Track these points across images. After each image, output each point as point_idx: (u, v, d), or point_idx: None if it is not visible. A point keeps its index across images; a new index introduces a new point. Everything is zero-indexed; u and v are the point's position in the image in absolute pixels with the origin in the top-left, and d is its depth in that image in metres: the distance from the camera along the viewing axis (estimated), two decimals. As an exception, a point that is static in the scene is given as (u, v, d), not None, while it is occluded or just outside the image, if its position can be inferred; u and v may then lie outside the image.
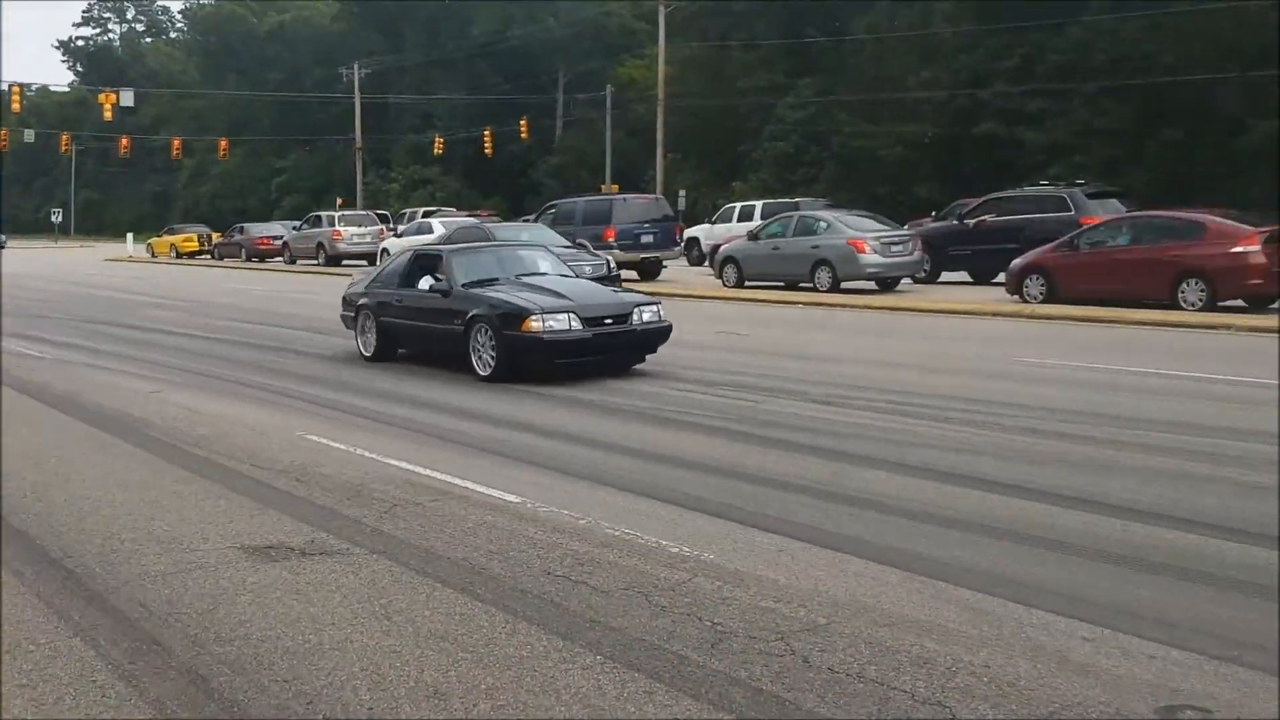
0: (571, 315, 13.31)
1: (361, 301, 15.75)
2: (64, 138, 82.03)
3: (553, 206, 34.82)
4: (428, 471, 8.87)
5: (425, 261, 15.41)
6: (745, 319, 21.80)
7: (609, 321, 13.67)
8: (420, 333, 14.96)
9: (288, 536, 7.24)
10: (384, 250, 39.73)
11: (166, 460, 9.46)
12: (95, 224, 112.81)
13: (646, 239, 31.90)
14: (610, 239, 30.95)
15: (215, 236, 59.86)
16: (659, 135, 55.98)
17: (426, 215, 47.35)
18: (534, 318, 13.07)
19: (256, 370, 14.67)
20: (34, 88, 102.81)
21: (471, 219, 41.37)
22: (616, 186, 59.35)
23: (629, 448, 9.81)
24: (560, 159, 76.15)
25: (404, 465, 9.10)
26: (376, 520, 7.55)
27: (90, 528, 7.54)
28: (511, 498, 8.05)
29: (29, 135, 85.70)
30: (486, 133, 70.87)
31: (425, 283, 14.76)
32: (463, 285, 14.26)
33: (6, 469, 9.22)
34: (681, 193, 57.89)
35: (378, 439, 10.20)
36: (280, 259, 49.17)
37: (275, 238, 51.22)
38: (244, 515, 7.73)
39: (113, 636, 5.73)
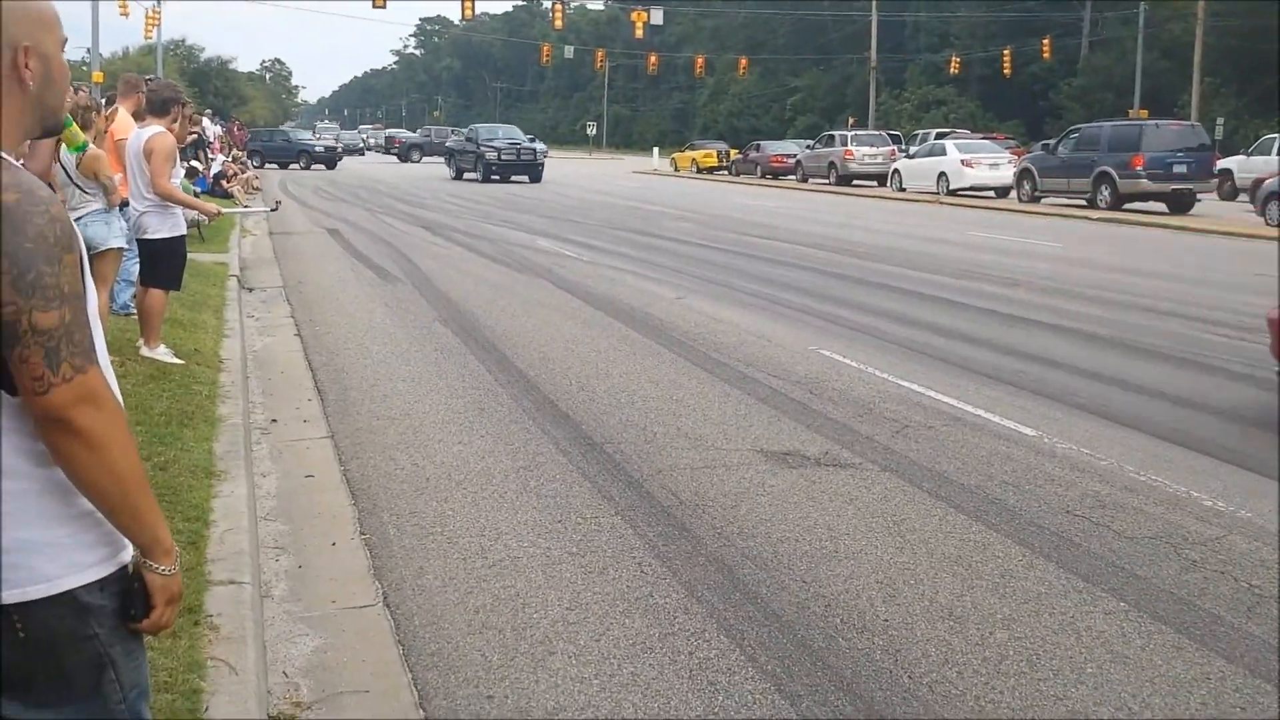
0: None
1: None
2: (599, 54, 76.14)
3: (1075, 131, 30.33)
4: (939, 395, 7.95)
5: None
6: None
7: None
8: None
9: (803, 445, 6.78)
10: (895, 171, 36.72)
11: (690, 362, 9.07)
12: (623, 138, 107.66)
13: (1179, 169, 26.59)
14: (1138, 167, 26.56)
15: (732, 153, 54.43)
16: (1196, 57, 45.94)
17: (939, 137, 41.69)
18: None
19: (769, 284, 13.64)
20: (573, 5, 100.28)
21: (986, 141, 37.89)
22: (1145, 112, 48.97)
23: (1156, 390, 8.35)
24: (1085, 81, 62.89)
25: (915, 387, 8.19)
26: (888, 439, 6.95)
27: (626, 418, 7.37)
28: (1028, 430, 7.17)
29: (569, 51, 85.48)
30: (1005, 52, 59.95)
31: None
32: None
33: (557, 358, 9.25)
34: (1219, 121, 47.60)
35: (888, 358, 9.23)
36: (793, 177, 44.27)
37: (788, 156, 46.00)
38: (761, 421, 7.33)
39: (648, 519, 5.54)
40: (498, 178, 38.75)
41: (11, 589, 1.86)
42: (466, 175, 40.72)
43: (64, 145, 7.28)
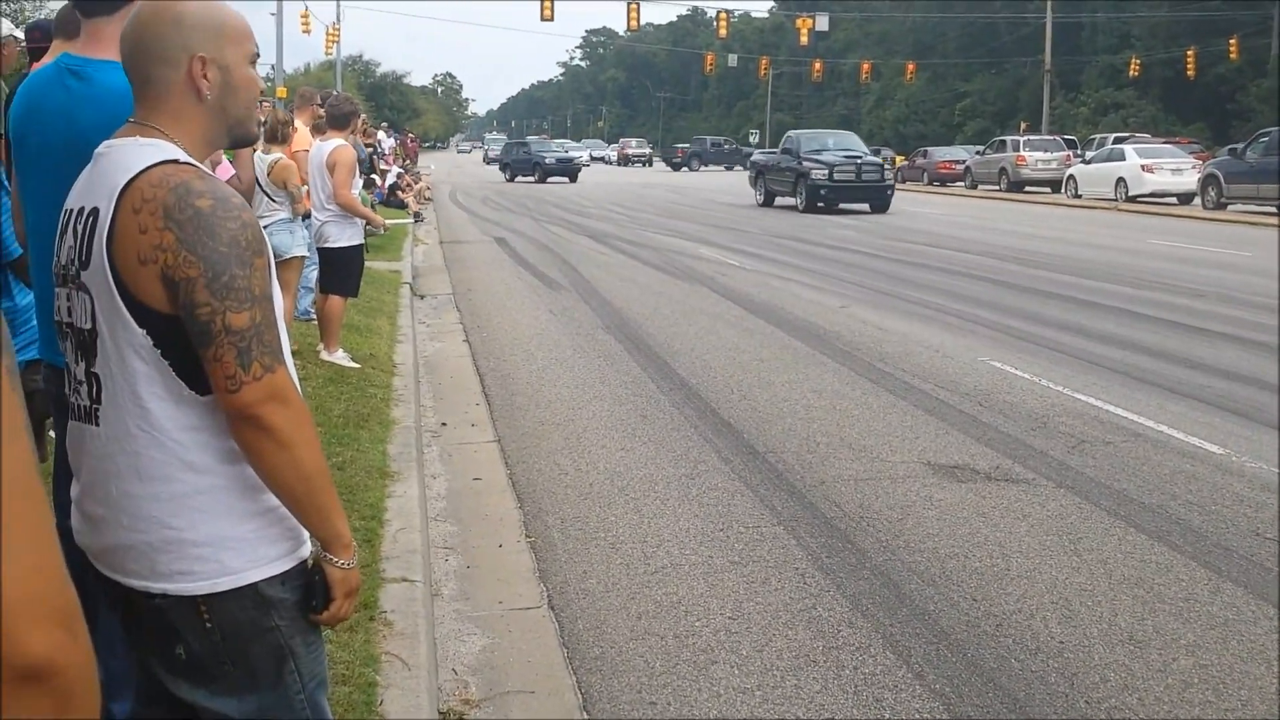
0: None
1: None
2: (763, 62, 75.41)
3: (1265, 134, 28.74)
4: (1118, 410, 7.62)
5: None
6: None
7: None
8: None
9: (972, 459, 6.61)
10: (1070, 177, 35.28)
11: (854, 372, 8.90)
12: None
13: None
14: None
15: (898, 160, 52.71)
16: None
17: (1118, 141, 39.06)
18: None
19: (936, 293, 13.31)
20: (737, 14, 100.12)
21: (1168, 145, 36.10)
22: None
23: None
24: (1275, 82, 57.89)
25: (1092, 401, 7.86)
26: (1064, 454, 6.71)
27: (789, 428, 7.32)
28: (1214, 448, 6.83)
29: (732, 59, 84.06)
30: (1188, 53, 56.99)
31: None
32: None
33: (718, 366, 9.22)
34: None
35: (1063, 371, 8.88)
36: (961, 183, 42.85)
37: (957, 162, 44.68)
38: (929, 433, 7.18)
39: (811, 530, 5.47)
40: (824, 205, 28.08)
41: (200, 581, 1.94)
42: (781, 200, 30.51)
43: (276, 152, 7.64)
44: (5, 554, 0.98)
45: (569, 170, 46.84)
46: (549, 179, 46.00)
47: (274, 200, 7.83)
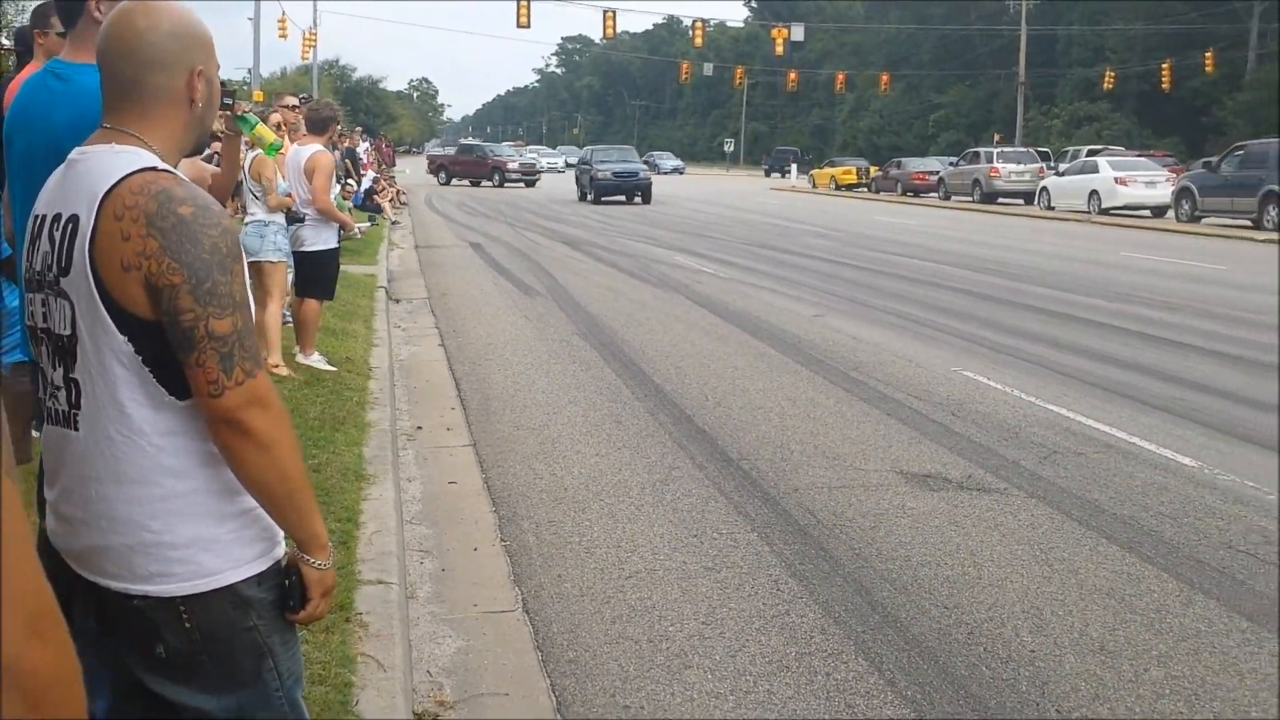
0: None
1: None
2: (738, 71, 78.04)
3: (1240, 148, 28.88)
4: (1090, 421, 7.65)
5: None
6: None
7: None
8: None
9: (944, 468, 6.65)
10: (1043, 189, 35.65)
11: (828, 380, 8.95)
12: (761, 154, 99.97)
13: None
14: None
15: (873, 170, 53.93)
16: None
17: (1091, 154, 39.63)
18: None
19: (909, 303, 13.37)
20: (713, 23, 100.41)
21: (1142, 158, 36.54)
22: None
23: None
24: (1251, 95, 57.82)
25: (1064, 412, 7.90)
26: (1035, 464, 6.76)
27: (763, 435, 7.35)
28: (1186, 460, 6.88)
29: (708, 69, 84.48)
30: (1164, 66, 57.53)
31: None
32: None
33: (692, 373, 9.27)
34: None
35: (1035, 381, 8.92)
36: (934, 194, 43.55)
37: (931, 173, 45.34)
38: (901, 442, 7.22)
39: (785, 537, 5.52)
40: None
41: (180, 582, 1.95)
42: None
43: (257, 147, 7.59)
44: None
45: (635, 186, 36.60)
46: (604, 199, 36.02)
47: (254, 195, 7.80)
